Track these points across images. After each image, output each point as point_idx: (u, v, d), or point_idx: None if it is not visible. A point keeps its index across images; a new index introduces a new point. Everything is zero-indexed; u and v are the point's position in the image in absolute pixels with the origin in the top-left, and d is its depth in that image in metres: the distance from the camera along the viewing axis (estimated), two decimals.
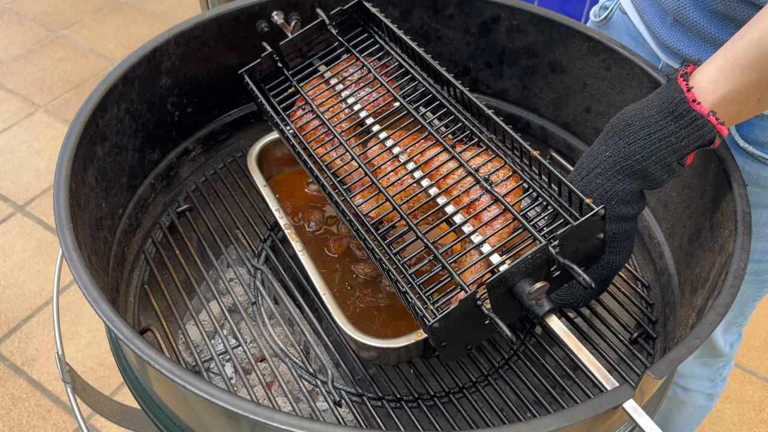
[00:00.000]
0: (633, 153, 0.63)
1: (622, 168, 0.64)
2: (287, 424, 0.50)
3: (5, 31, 2.79)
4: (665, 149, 0.62)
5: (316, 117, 0.79)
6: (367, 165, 0.73)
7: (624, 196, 0.64)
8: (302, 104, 0.82)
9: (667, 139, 0.62)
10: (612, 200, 0.64)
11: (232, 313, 0.89)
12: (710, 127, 0.61)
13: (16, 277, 1.93)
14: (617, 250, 0.67)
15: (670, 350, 0.56)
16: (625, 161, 0.63)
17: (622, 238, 0.66)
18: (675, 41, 0.82)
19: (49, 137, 2.34)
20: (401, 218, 0.68)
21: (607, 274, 0.68)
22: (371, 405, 0.75)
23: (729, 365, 1.26)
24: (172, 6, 2.93)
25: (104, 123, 0.79)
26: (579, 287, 0.70)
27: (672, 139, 0.62)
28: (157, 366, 0.54)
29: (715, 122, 0.61)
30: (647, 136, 0.63)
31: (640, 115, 0.64)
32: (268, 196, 0.84)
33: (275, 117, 0.82)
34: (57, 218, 0.66)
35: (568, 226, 0.59)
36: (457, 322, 0.59)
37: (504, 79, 1.00)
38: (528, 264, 0.58)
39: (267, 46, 0.84)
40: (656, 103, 0.64)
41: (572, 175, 0.67)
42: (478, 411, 0.74)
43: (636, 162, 0.63)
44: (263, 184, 0.85)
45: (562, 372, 0.78)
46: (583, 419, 0.51)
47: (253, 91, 0.84)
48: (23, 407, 1.66)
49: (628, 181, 0.64)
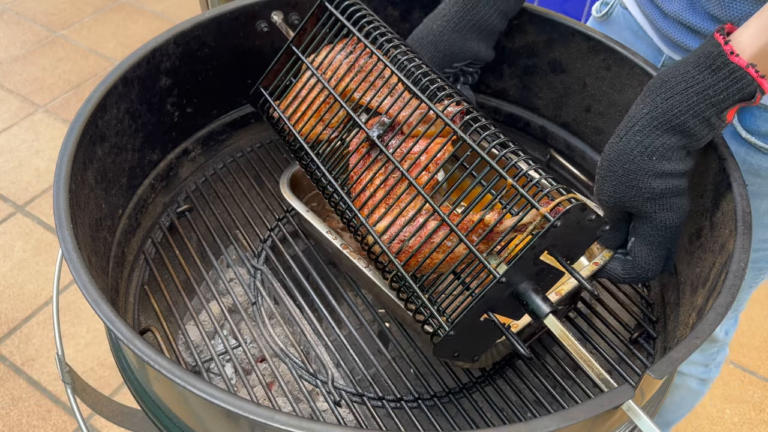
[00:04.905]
0: (671, 108, 0.63)
1: (660, 123, 0.63)
2: (287, 425, 0.50)
3: (5, 31, 2.79)
4: (703, 102, 0.62)
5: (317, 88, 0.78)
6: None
7: (664, 151, 0.64)
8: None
9: (705, 92, 0.62)
10: (653, 156, 0.64)
11: (232, 314, 0.89)
12: (750, 79, 0.61)
13: (16, 277, 1.93)
14: (668, 207, 0.66)
15: (670, 350, 0.56)
16: (663, 116, 0.63)
17: (671, 194, 0.66)
18: (677, 35, 0.83)
19: (49, 137, 2.34)
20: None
21: (665, 234, 0.68)
22: (371, 405, 0.75)
23: (723, 351, 1.26)
24: (172, 6, 2.93)
25: (104, 123, 0.79)
26: (642, 259, 0.69)
27: (710, 92, 0.62)
28: (157, 366, 0.54)
29: (755, 75, 0.61)
30: (684, 90, 0.63)
31: (676, 71, 0.64)
32: (314, 220, 0.82)
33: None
34: (57, 219, 0.66)
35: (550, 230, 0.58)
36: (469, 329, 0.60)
37: (504, 78, 1.00)
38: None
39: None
40: (692, 59, 0.63)
41: (611, 138, 0.67)
42: (478, 411, 0.74)
43: (674, 116, 0.63)
44: (306, 210, 0.83)
45: (563, 372, 0.78)
46: (583, 419, 0.51)
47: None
48: (23, 407, 1.66)
49: (668, 137, 0.64)
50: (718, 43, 0.62)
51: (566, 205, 0.56)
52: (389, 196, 0.68)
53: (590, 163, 0.96)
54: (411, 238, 0.65)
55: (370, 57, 0.76)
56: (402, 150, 0.70)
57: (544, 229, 0.56)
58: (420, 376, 0.77)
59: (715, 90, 0.62)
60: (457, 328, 0.59)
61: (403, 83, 0.71)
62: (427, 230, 0.64)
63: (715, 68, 0.62)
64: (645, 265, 0.70)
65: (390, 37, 0.75)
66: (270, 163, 1.01)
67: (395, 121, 0.71)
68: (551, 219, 0.56)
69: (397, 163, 0.68)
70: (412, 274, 0.65)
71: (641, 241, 0.69)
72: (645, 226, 0.68)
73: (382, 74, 0.74)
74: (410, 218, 0.65)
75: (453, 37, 0.82)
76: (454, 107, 0.68)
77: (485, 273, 0.60)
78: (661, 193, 0.65)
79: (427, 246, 0.64)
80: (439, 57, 0.83)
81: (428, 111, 0.68)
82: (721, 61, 0.61)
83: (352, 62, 0.77)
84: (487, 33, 0.83)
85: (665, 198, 0.66)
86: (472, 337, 0.62)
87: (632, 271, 0.71)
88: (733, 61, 0.61)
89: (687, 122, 0.63)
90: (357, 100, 0.75)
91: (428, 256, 0.64)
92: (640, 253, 0.70)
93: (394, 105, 0.72)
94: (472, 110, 0.68)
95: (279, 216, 0.95)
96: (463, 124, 0.66)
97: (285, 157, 1.01)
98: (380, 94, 0.74)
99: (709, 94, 0.62)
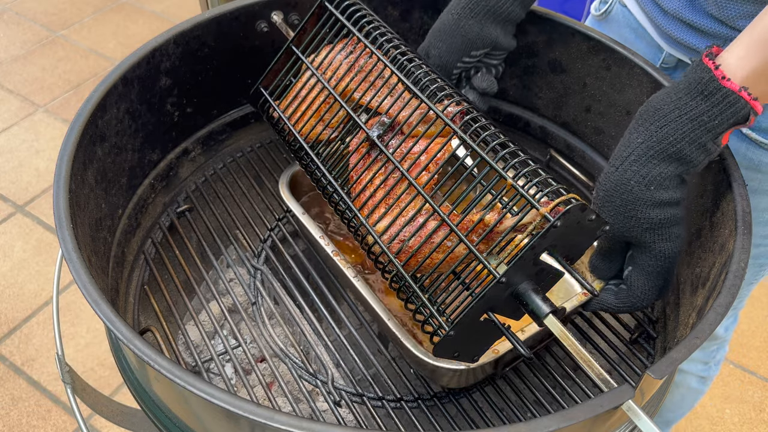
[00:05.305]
0: (666, 136, 0.63)
1: (657, 152, 0.63)
2: (287, 425, 0.50)
3: (5, 31, 2.79)
4: (698, 129, 0.62)
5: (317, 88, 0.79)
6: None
7: (662, 180, 0.63)
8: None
9: (699, 119, 0.62)
10: (651, 185, 0.63)
11: (232, 314, 0.89)
12: (743, 103, 0.61)
13: (16, 277, 1.93)
14: (666, 237, 0.66)
15: (670, 350, 0.56)
16: (659, 145, 0.63)
17: (670, 224, 0.65)
18: (677, 32, 0.83)
19: (49, 137, 2.34)
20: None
21: (664, 264, 0.67)
22: (371, 405, 0.75)
23: (723, 348, 1.26)
24: (172, 6, 2.93)
25: (104, 123, 0.79)
26: (639, 288, 0.69)
27: (704, 118, 0.62)
28: (156, 366, 0.54)
29: (748, 98, 0.60)
30: (678, 117, 0.62)
31: (667, 98, 0.64)
32: (309, 224, 0.83)
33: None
34: (57, 219, 0.66)
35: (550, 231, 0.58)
36: (469, 329, 0.60)
37: (504, 78, 0.99)
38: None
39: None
40: (683, 85, 0.63)
41: (607, 167, 0.66)
42: (478, 411, 0.74)
43: (670, 145, 0.63)
44: (302, 212, 0.84)
45: (563, 372, 0.78)
46: (583, 419, 0.51)
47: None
48: (23, 407, 1.66)
49: (664, 165, 0.63)
50: (709, 69, 0.61)
51: (566, 205, 0.56)
52: (389, 196, 0.68)
53: (590, 163, 0.96)
54: (411, 238, 0.65)
55: (370, 57, 0.76)
56: (402, 150, 0.70)
57: (544, 230, 0.56)
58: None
59: (709, 116, 0.61)
60: (457, 328, 0.59)
61: (403, 83, 0.71)
62: (427, 230, 0.64)
63: (707, 94, 0.61)
64: (641, 295, 0.69)
65: (390, 37, 0.75)
66: (270, 163, 1.01)
67: (395, 121, 0.70)
68: (551, 219, 0.56)
69: (397, 163, 0.68)
70: (412, 274, 0.65)
71: (639, 271, 0.68)
72: (644, 256, 0.67)
73: (382, 74, 0.74)
74: (410, 218, 0.65)
75: (469, 23, 0.80)
76: (454, 107, 0.67)
77: (485, 273, 0.60)
78: (660, 222, 0.65)
79: (427, 246, 0.64)
80: (456, 45, 0.82)
81: (428, 111, 0.68)
82: (714, 86, 0.61)
83: (352, 62, 0.77)
84: (503, 19, 0.82)
85: (664, 228, 0.65)
86: (472, 337, 0.62)
87: (627, 301, 0.70)
88: (725, 85, 0.60)
89: (683, 150, 0.63)
90: (357, 100, 0.75)
91: (428, 256, 0.64)
92: (637, 282, 0.69)
93: (394, 105, 0.72)
94: (472, 110, 0.68)
95: (279, 216, 0.95)
96: (463, 124, 0.66)
97: (285, 157, 1.01)
98: (380, 94, 0.74)
99: (703, 120, 0.62)
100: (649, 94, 0.84)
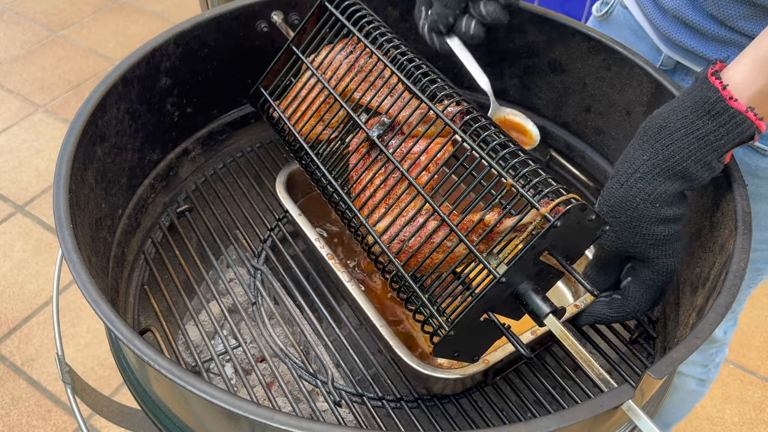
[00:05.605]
0: (672, 154, 0.63)
1: (663, 170, 0.63)
2: (287, 425, 0.50)
3: (5, 31, 2.79)
4: (704, 148, 0.62)
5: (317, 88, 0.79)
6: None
7: (667, 197, 0.64)
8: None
9: (705, 138, 0.62)
10: (656, 203, 0.64)
11: (231, 314, 0.89)
12: (749, 123, 0.61)
13: (16, 277, 1.93)
14: (670, 253, 0.66)
15: (670, 350, 0.56)
16: (665, 163, 0.63)
17: (672, 240, 0.66)
18: (676, 34, 0.83)
19: (49, 137, 2.34)
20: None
21: (664, 278, 0.68)
22: (371, 405, 0.75)
23: (723, 351, 1.26)
24: (172, 6, 2.93)
25: (104, 123, 0.79)
26: (635, 299, 0.69)
27: (711, 138, 0.62)
28: (156, 366, 0.54)
29: (754, 118, 0.61)
30: (684, 136, 0.62)
31: (673, 116, 0.63)
32: (304, 226, 0.83)
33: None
34: (57, 219, 0.66)
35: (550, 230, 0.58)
36: (469, 329, 0.60)
37: (504, 78, 1.00)
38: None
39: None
40: (689, 103, 0.63)
41: (610, 183, 0.66)
42: (478, 411, 0.74)
43: (676, 163, 0.63)
44: (298, 214, 0.84)
45: (563, 372, 0.78)
46: (583, 419, 0.51)
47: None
48: (23, 407, 1.66)
49: (670, 183, 0.63)
50: (716, 88, 0.61)
51: (566, 205, 0.56)
52: (389, 196, 0.68)
53: (590, 163, 0.96)
54: (411, 238, 0.65)
55: (370, 57, 0.76)
56: (402, 150, 0.70)
57: (544, 230, 0.56)
58: None
59: (716, 135, 0.62)
60: (456, 328, 0.59)
61: (403, 83, 0.71)
62: (427, 230, 0.64)
63: (714, 114, 0.61)
64: (636, 306, 0.69)
65: (390, 37, 0.75)
66: (270, 163, 1.01)
67: (395, 121, 0.70)
68: (551, 219, 0.56)
69: (397, 163, 0.68)
70: (412, 274, 0.65)
71: (639, 283, 0.68)
72: (645, 270, 0.67)
73: (382, 74, 0.74)
74: (410, 218, 0.65)
75: None
76: (454, 107, 0.67)
77: (485, 273, 0.60)
78: (664, 238, 0.65)
79: (427, 246, 0.64)
80: None
81: (428, 111, 0.68)
82: (721, 106, 0.61)
83: (352, 62, 0.77)
84: None
85: (668, 244, 0.66)
86: (472, 337, 0.62)
87: (621, 310, 0.70)
88: (732, 106, 0.61)
89: (689, 168, 0.63)
90: (357, 100, 0.75)
91: (428, 256, 0.64)
92: (635, 294, 0.69)
93: (394, 105, 0.72)
94: (472, 110, 0.68)
95: (279, 216, 0.95)
96: (463, 124, 0.66)
97: (285, 157, 1.01)
98: (380, 94, 0.74)
99: (710, 140, 0.62)
100: (649, 94, 0.84)
